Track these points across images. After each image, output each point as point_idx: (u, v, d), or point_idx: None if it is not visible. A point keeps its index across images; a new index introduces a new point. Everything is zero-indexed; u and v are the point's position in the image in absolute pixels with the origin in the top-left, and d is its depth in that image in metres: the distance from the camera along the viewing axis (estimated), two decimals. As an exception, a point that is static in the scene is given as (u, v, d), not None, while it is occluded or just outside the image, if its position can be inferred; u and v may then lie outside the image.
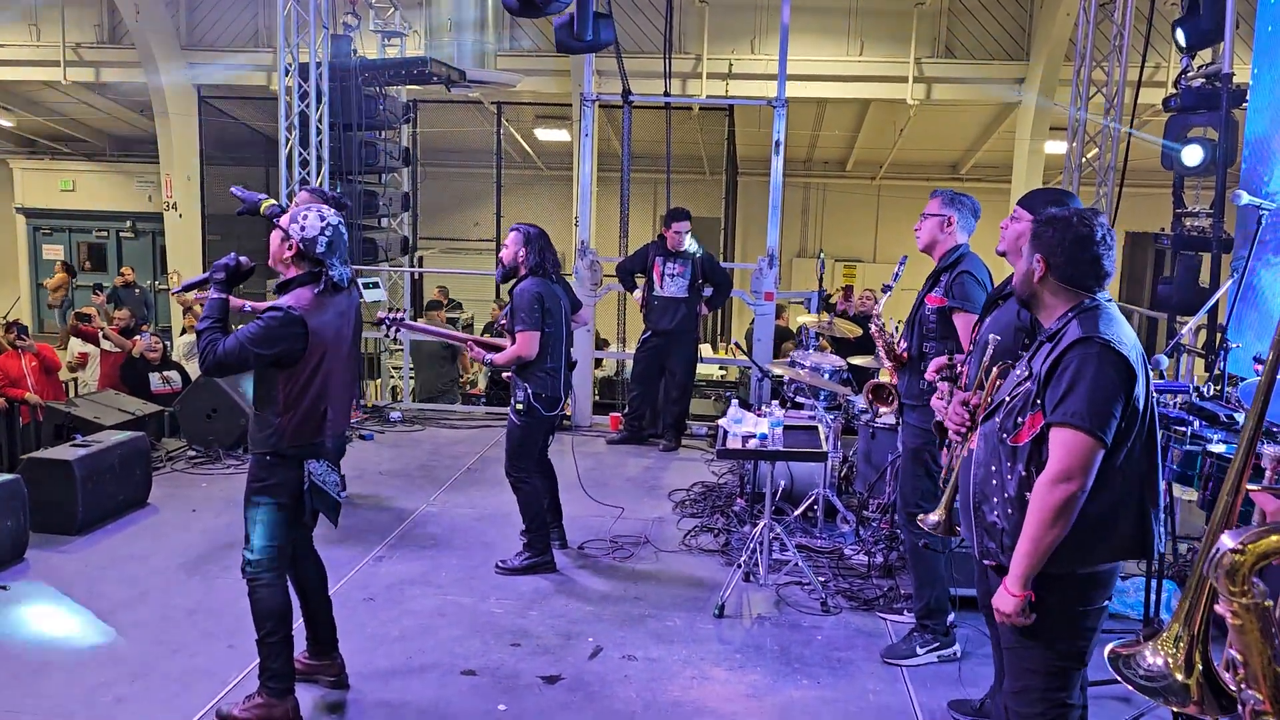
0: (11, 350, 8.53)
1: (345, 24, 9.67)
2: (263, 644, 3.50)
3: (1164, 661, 1.64)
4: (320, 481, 3.50)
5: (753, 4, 13.22)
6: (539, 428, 5.02)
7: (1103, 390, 2.39)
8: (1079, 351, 2.41)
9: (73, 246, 18.63)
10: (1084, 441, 2.38)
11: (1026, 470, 2.49)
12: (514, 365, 4.90)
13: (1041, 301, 2.60)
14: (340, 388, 3.57)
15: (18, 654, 4.06)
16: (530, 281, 4.87)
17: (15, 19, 14.40)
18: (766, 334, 8.13)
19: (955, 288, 3.80)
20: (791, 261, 17.87)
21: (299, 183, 8.99)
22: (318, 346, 3.41)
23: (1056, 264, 2.52)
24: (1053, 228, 2.55)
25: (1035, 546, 2.43)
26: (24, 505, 5.03)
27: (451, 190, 16.46)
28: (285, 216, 3.48)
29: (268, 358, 3.34)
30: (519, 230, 4.97)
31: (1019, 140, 13.22)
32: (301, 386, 3.41)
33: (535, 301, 4.80)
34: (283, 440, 3.42)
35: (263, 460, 3.48)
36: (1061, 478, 2.39)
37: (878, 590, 4.87)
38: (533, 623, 4.47)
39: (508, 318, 4.93)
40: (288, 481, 3.46)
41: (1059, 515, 2.39)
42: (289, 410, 3.41)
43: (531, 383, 4.88)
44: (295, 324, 3.34)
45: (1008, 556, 2.53)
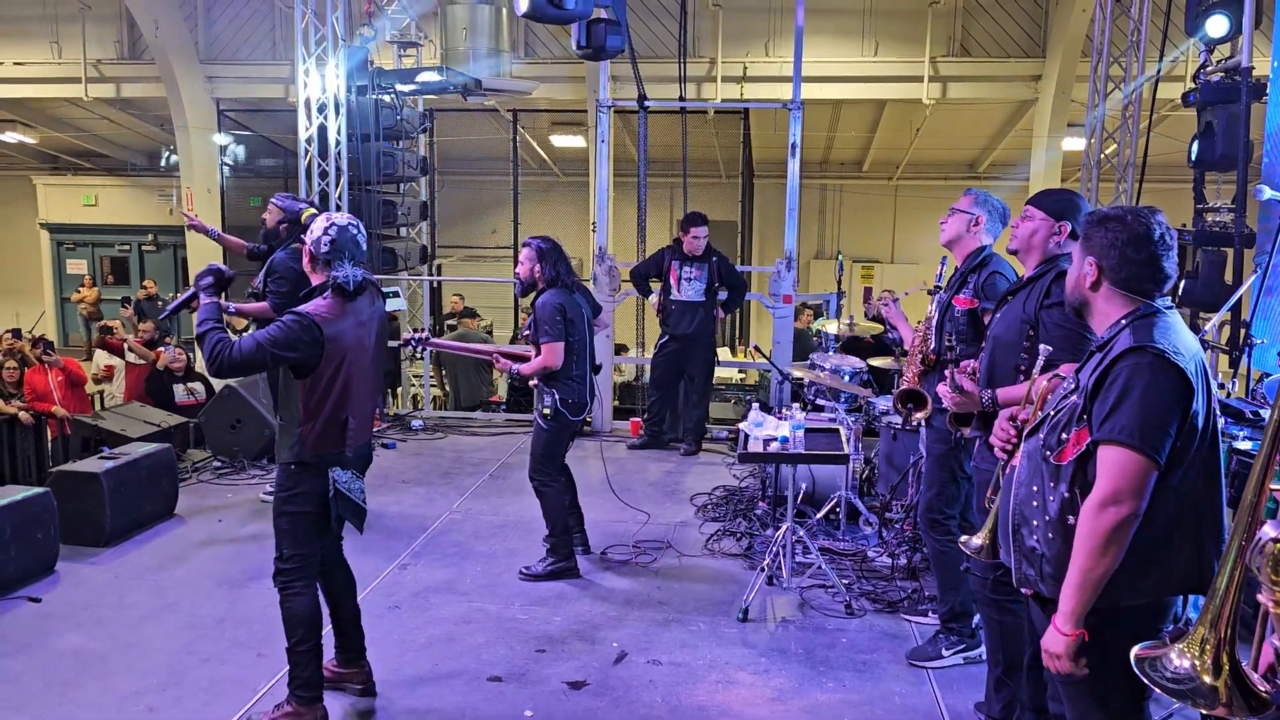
0: (38, 365, 8.63)
1: (362, 35, 9.74)
2: (292, 652, 3.54)
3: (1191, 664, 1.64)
4: (345, 489, 3.53)
5: (766, 7, 13.23)
6: (565, 433, 5.07)
7: (1155, 405, 2.17)
8: (1130, 362, 2.20)
9: (95, 260, 18.84)
10: (1135, 461, 2.16)
11: (1070, 491, 2.26)
12: (540, 374, 4.93)
13: (1094, 308, 2.39)
14: (362, 396, 3.60)
15: (50, 665, 4.11)
16: (551, 293, 4.92)
17: (37, 38, 14.60)
18: (785, 337, 8.12)
19: (987, 289, 3.80)
20: (809, 263, 17.84)
21: (319, 194, 9.07)
22: (336, 354, 3.44)
23: (1109, 267, 2.32)
24: (1105, 227, 2.34)
25: (1085, 578, 2.18)
26: (54, 518, 5.09)
27: (469, 198, 16.56)
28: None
29: (285, 360, 3.37)
30: (531, 245, 5.02)
31: (1036, 138, 13.16)
32: (321, 395, 3.44)
33: (557, 313, 4.85)
34: (305, 449, 3.46)
35: (288, 470, 3.52)
36: (1110, 500, 2.16)
37: (902, 592, 4.86)
38: (557, 628, 4.49)
39: (531, 329, 4.97)
40: (313, 490, 3.51)
41: (1109, 542, 2.16)
42: (310, 419, 3.44)
43: (559, 389, 4.93)
44: (312, 329, 3.37)
45: (1047, 585, 2.32)
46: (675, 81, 9.25)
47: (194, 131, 14.47)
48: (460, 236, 16.75)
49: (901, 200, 17.94)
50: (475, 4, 11.35)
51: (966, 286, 3.91)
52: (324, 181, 9.10)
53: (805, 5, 8.07)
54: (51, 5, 14.36)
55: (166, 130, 15.24)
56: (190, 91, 14.22)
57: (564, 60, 13.23)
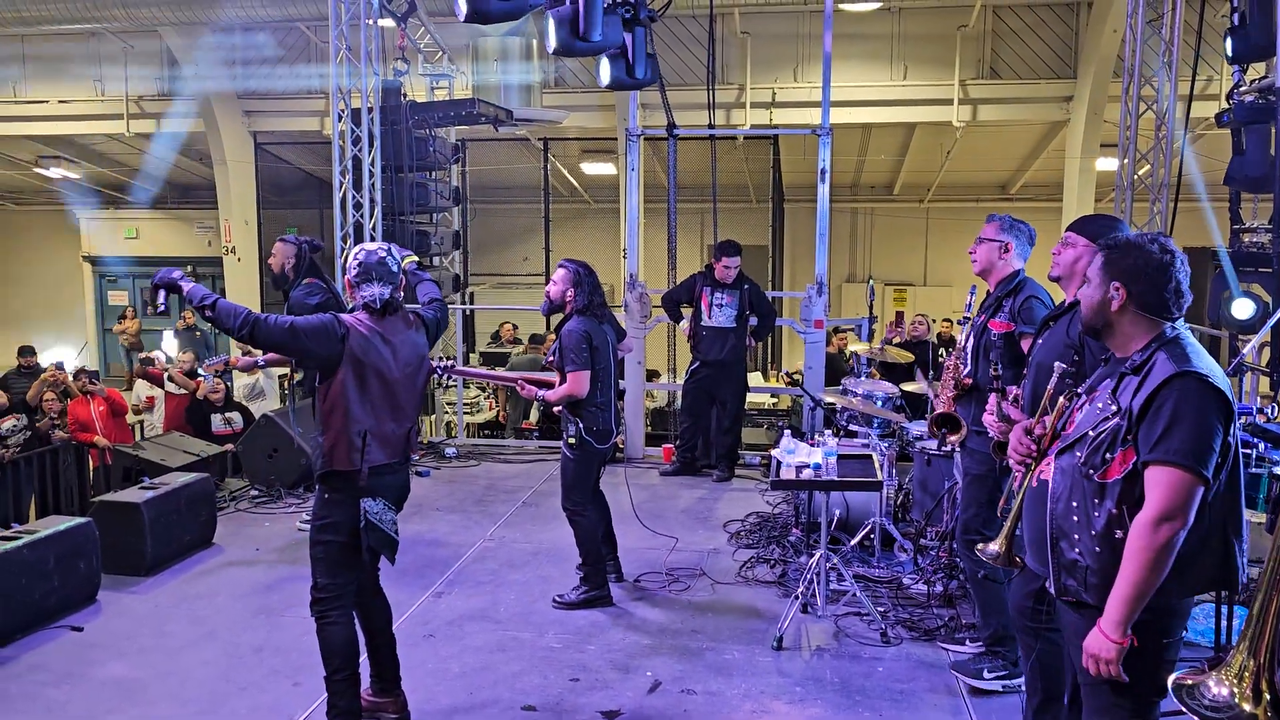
0: (82, 396, 8.80)
1: (395, 69, 9.90)
2: (330, 681, 3.57)
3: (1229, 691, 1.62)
4: (376, 520, 3.57)
5: (794, 33, 13.30)
6: (592, 461, 5.07)
7: (1206, 427, 2.33)
8: (1178, 387, 2.35)
9: (136, 292, 19.19)
10: (1187, 480, 2.32)
11: (1117, 508, 2.42)
12: (565, 402, 4.95)
13: (1118, 331, 2.53)
14: (385, 418, 3.61)
15: (93, 694, 4.17)
16: (577, 321, 4.93)
17: (81, 76, 14.98)
18: (817, 362, 8.10)
19: (1023, 312, 3.79)
20: (840, 287, 17.79)
21: (353, 225, 9.20)
22: (354, 363, 3.51)
23: (1137, 291, 2.45)
24: (1131, 255, 2.47)
25: (1137, 590, 2.35)
26: (96, 548, 5.17)
27: (500, 226, 16.70)
28: None
29: (309, 350, 3.49)
30: (567, 268, 5.02)
31: (1069, 158, 13.09)
32: (334, 402, 3.52)
33: (584, 341, 4.86)
34: (327, 461, 3.54)
35: (323, 498, 3.60)
36: (1164, 517, 2.33)
37: (938, 620, 4.81)
38: (591, 657, 4.49)
39: (556, 356, 4.97)
40: (345, 520, 3.56)
41: (1162, 557, 2.33)
42: (327, 428, 3.54)
43: (583, 418, 4.93)
44: (336, 326, 3.50)
45: (1092, 594, 2.46)
46: (704, 108, 9.30)
47: (231, 165, 14.76)
48: (492, 265, 16.89)
49: (934, 223, 17.86)
50: (505, 36, 11.50)
51: (1002, 310, 3.90)
52: (358, 213, 9.23)
53: (833, 31, 8.11)
54: (95, 44, 14.74)
55: (205, 164, 15.55)
56: (228, 126, 14.52)
57: (594, 89, 13.35)
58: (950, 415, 4.05)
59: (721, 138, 11.53)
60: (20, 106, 15.17)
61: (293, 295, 6.01)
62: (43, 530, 4.97)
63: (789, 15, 13.11)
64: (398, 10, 9.60)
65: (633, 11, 5.60)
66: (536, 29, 11.32)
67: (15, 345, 11.09)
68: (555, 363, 5.00)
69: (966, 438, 4.08)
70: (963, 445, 4.10)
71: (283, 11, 11.29)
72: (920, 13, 12.96)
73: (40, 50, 14.89)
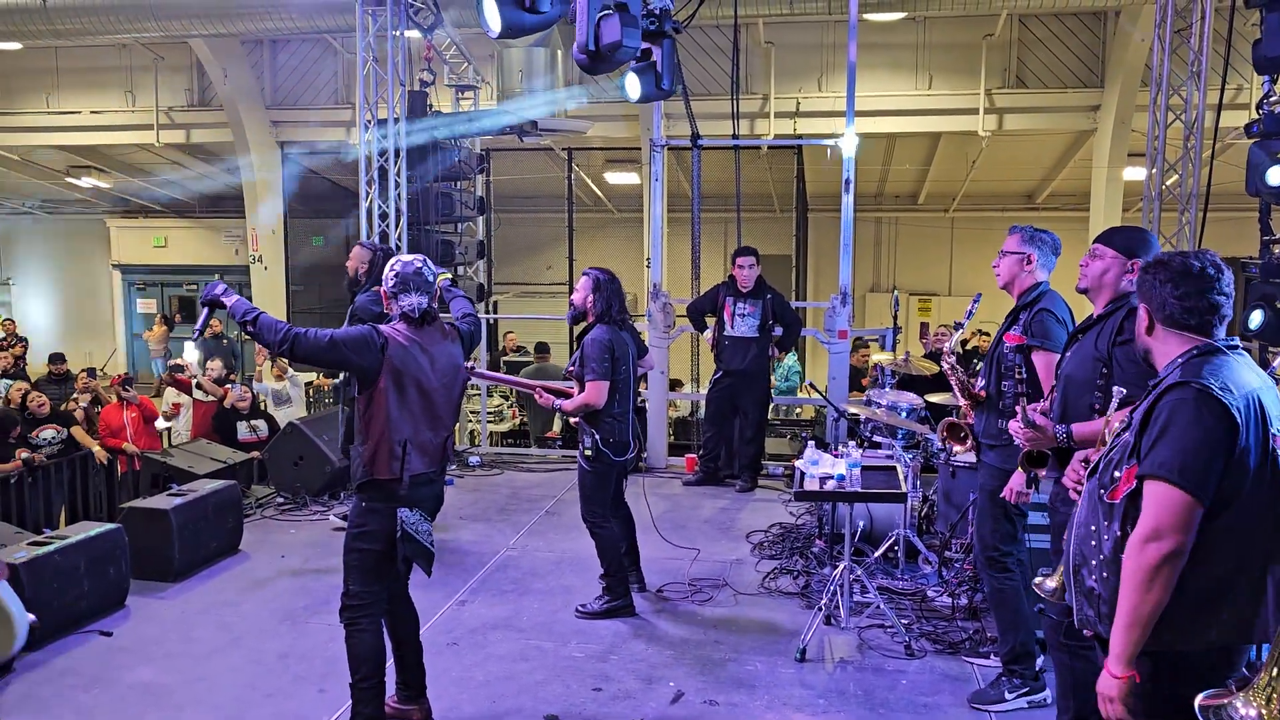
0: (115, 402, 8.90)
1: (421, 80, 9.98)
2: (356, 688, 3.60)
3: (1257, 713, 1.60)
4: (413, 530, 3.60)
5: (818, 43, 13.29)
6: (609, 473, 5.06)
7: (1195, 441, 2.17)
8: (1172, 397, 2.24)
9: (164, 300, 19.42)
10: (1175, 496, 2.16)
11: (1122, 530, 2.27)
12: (582, 412, 4.95)
13: (1155, 351, 2.45)
14: (419, 425, 3.65)
15: (121, 698, 4.22)
16: (599, 330, 4.94)
17: (113, 87, 15.21)
18: (841, 372, 8.07)
19: (1035, 326, 3.76)
20: (864, 296, 17.73)
21: (379, 235, 9.27)
22: (393, 373, 3.56)
23: (1155, 308, 2.40)
24: (1152, 272, 2.42)
25: (1132, 617, 2.18)
26: (125, 554, 5.24)
27: (524, 236, 16.77)
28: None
29: (349, 361, 3.53)
30: (589, 276, 5.06)
31: (1096, 168, 13.00)
32: (373, 413, 3.56)
33: (605, 351, 4.87)
34: (365, 470, 3.57)
35: (359, 507, 3.64)
36: (1151, 536, 2.17)
37: (963, 633, 4.78)
38: (614, 667, 4.49)
39: (576, 365, 4.98)
40: (381, 529, 3.59)
41: (1153, 579, 2.15)
42: (367, 438, 3.58)
43: (599, 429, 4.92)
44: (376, 337, 3.55)
45: (1105, 625, 2.30)
46: (728, 118, 9.32)
47: (259, 175, 14.92)
48: (516, 274, 16.96)
49: (959, 232, 17.78)
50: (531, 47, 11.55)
51: (1018, 323, 3.88)
52: (384, 222, 9.31)
53: (857, 40, 8.10)
54: (126, 56, 14.96)
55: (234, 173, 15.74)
56: (256, 136, 14.69)
57: (618, 99, 13.37)
58: (956, 424, 4.04)
59: (745, 148, 11.53)
60: (53, 117, 15.41)
61: (358, 299, 6.12)
62: (74, 536, 5.04)
63: (813, 25, 13.10)
64: (424, 22, 9.68)
65: (658, 23, 5.63)
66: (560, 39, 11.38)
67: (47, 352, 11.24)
68: (575, 372, 5.00)
69: (980, 451, 4.05)
70: (979, 459, 4.08)
71: (311, 23, 11.40)
72: (945, 22, 12.92)
73: (73, 62, 15.13)
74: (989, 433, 3.92)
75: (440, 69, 10.75)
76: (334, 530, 6.36)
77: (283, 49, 14.85)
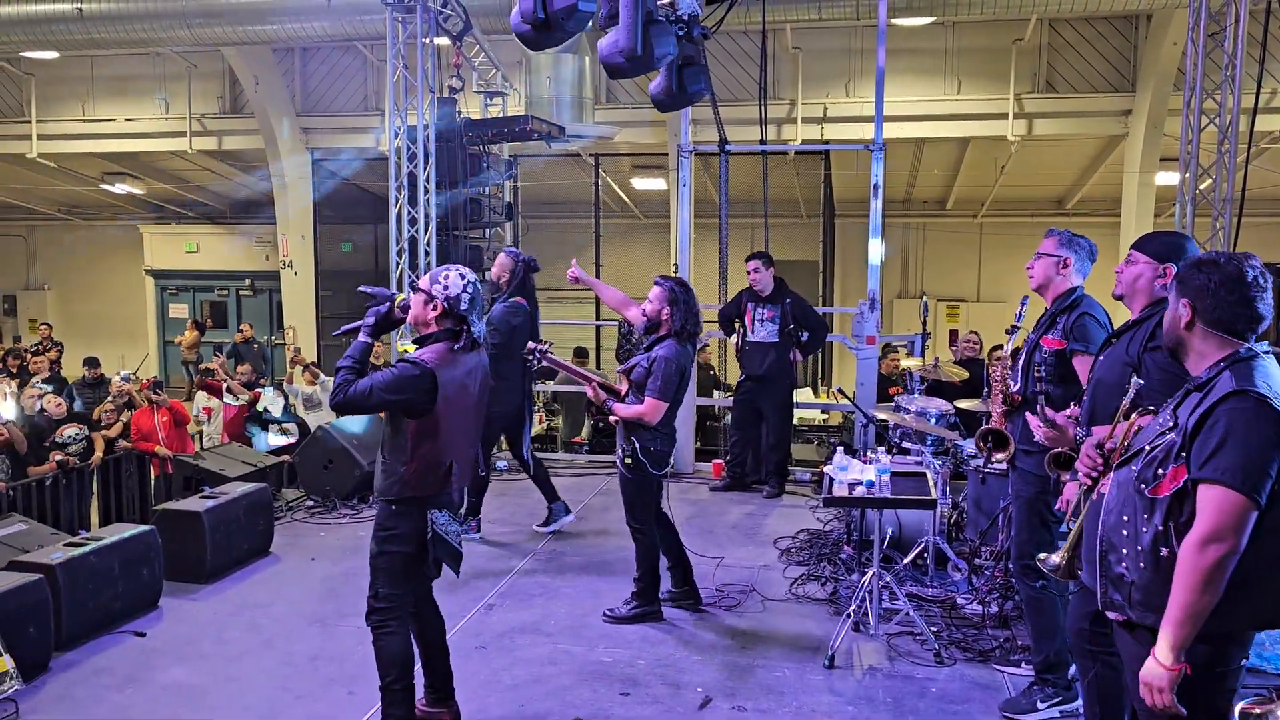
0: (146, 405, 9.02)
1: (450, 87, 10.04)
2: (386, 691, 3.61)
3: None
4: (443, 531, 3.62)
5: (846, 48, 13.26)
6: (649, 482, 5.00)
7: (1257, 448, 2.29)
8: (1232, 406, 2.33)
9: (196, 305, 19.65)
10: (1236, 501, 2.29)
11: (1164, 524, 2.40)
12: (632, 421, 4.87)
13: (1190, 348, 2.53)
14: (465, 444, 3.68)
15: (155, 698, 4.26)
16: (673, 347, 4.85)
17: (146, 95, 15.42)
18: (869, 378, 8.04)
19: (1076, 330, 3.74)
20: (892, 303, 17.64)
21: (408, 241, 9.32)
22: (444, 400, 3.53)
23: (1203, 308, 2.46)
24: (1200, 271, 2.49)
25: (1187, 613, 2.32)
26: (159, 555, 5.30)
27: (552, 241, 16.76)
28: (425, 279, 3.68)
29: (392, 403, 3.50)
30: (664, 286, 4.93)
31: (1128, 173, 12.87)
32: (427, 437, 3.54)
33: (676, 373, 4.80)
34: (405, 488, 3.55)
35: (388, 509, 3.63)
36: (1211, 538, 2.29)
37: (993, 641, 4.74)
38: (642, 672, 4.49)
39: (640, 373, 4.86)
40: (412, 530, 3.60)
41: (1210, 579, 2.29)
42: (413, 460, 3.54)
43: (640, 438, 4.88)
44: (425, 378, 3.48)
45: (1137, 611, 2.45)
46: (755, 124, 9.32)
47: (290, 181, 15.07)
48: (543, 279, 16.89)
49: (987, 238, 17.65)
50: (559, 54, 11.61)
51: (1055, 327, 3.86)
52: (413, 228, 9.37)
53: (885, 46, 8.07)
54: (160, 64, 15.16)
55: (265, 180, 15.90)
56: (287, 143, 14.84)
57: (645, 105, 13.40)
58: (998, 431, 4.00)
59: (773, 153, 11.52)
60: (89, 125, 15.64)
61: (494, 310, 6.21)
62: (108, 537, 5.10)
63: (841, 31, 13.08)
64: (453, 29, 9.75)
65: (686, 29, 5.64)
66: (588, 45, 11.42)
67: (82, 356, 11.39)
68: (637, 379, 4.90)
69: (1016, 457, 4.02)
70: (1013, 465, 4.05)
71: (341, 30, 11.51)
72: (974, 27, 12.85)
73: (108, 70, 15.35)
74: (1026, 438, 3.89)
75: (469, 75, 10.81)
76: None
77: (313, 56, 14.99)
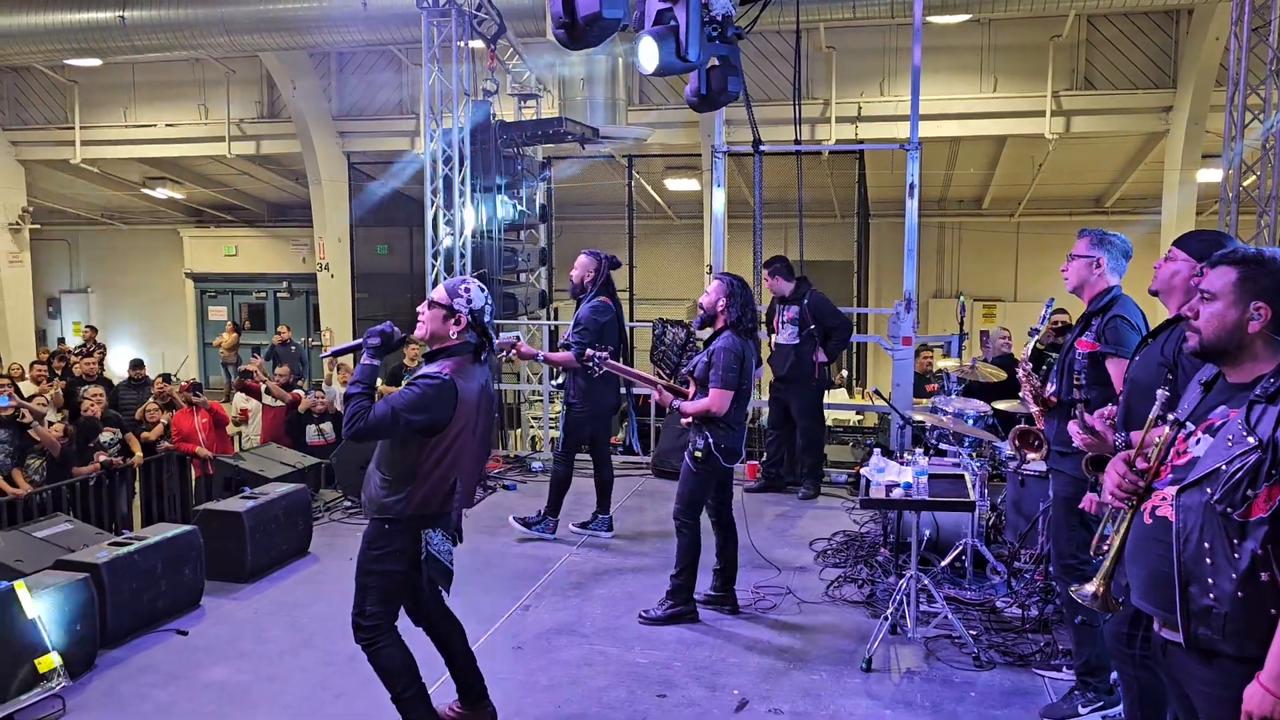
0: (186, 407, 9.15)
1: (485, 90, 10.10)
2: (400, 701, 3.58)
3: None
4: (436, 551, 3.51)
5: (880, 47, 13.19)
6: (711, 477, 5.04)
7: None
8: None
9: (235, 307, 19.92)
10: None
11: (1262, 548, 2.22)
12: (701, 416, 4.91)
13: (1247, 354, 2.37)
14: (471, 461, 3.59)
15: (197, 696, 4.32)
16: (730, 338, 4.91)
17: (187, 100, 15.67)
18: (905, 379, 7.98)
19: (1108, 332, 3.69)
20: (928, 303, 17.50)
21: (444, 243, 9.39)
22: (460, 415, 3.45)
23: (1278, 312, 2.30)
24: (1269, 271, 2.34)
25: None
26: (200, 555, 5.37)
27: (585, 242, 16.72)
28: (439, 292, 3.57)
29: (415, 424, 3.37)
30: (723, 280, 5.01)
31: (1168, 170, 12.69)
32: (440, 455, 3.45)
33: (736, 361, 4.86)
34: (408, 507, 3.45)
35: (380, 528, 3.52)
36: None
37: (1033, 645, 4.69)
38: (678, 674, 4.49)
39: (700, 369, 4.94)
40: (405, 550, 3.50)
41: None
42: (424, 479, 3.45)
43: (713, 432, 4.91)
44: (448, 390, 3.40)
45: (1231, 643, 2.28)
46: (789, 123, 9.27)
47: (326, 184, 15.24)
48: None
49: (1024, 237, 17.46)
50: (592, 56, 11.65)
51: (1090, 329, 3.81)
52: (449, 230, 9.43)
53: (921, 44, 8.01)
54: (200, 70, 15.40)
55: (301, 183, 16.09)
56: (323, 146, 15.00)
57: (678, 106, 13.43)
58: (1031, 432, 3.97)
59: (807, 153, 11.47)
60: (130, 130, 15.91)
61: (580, 310, 6.25)
62: (151, 537, 5.18)
63: (875, 30, 13.01)
64: (487, 32, 9.81)
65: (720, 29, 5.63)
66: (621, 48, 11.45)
67: (127, 358, 11.58)
68: (698, 375, 4.97)
69: (1052, 458, 3.98)
70: (1051, 466, 4.01)
71: (377, 35, 11.63)
72: (1011, 23, 12.73)
73: (149, 77, 15.61)
74: (1062, 439, 3.85)
75: (503, 78, 10.87)
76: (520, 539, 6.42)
77: (349, 61, 15.15)
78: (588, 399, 6.40)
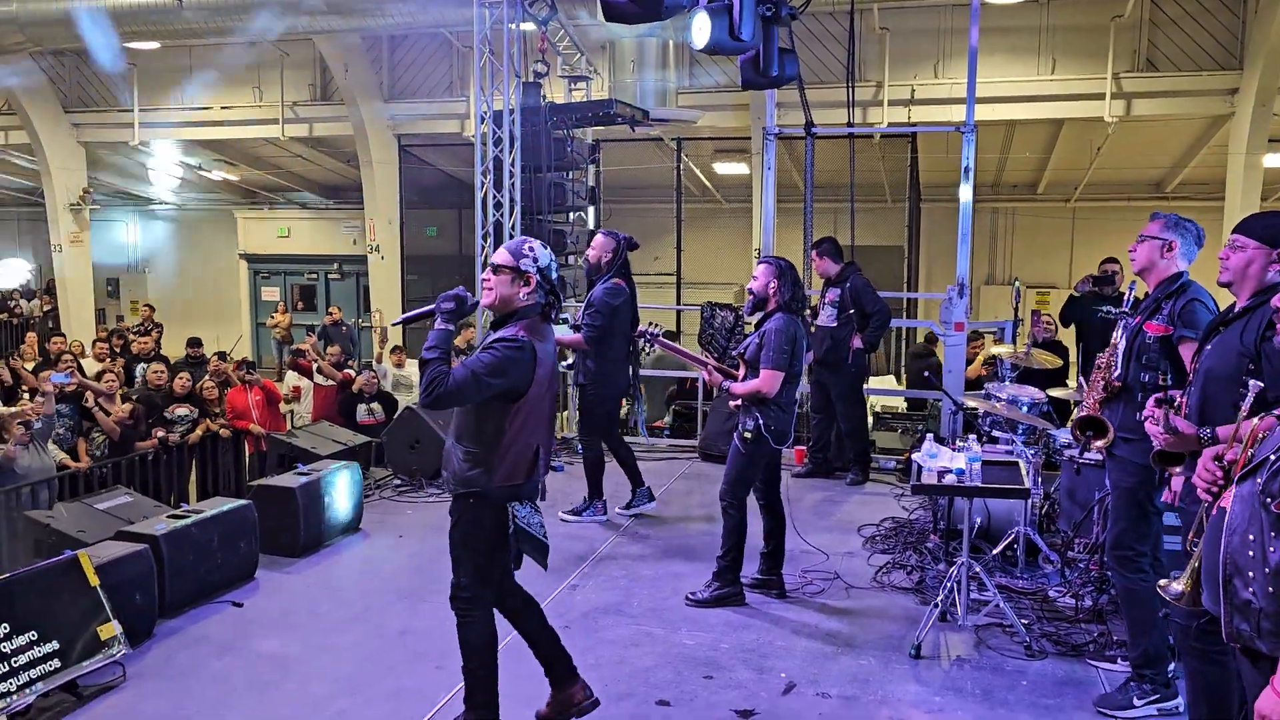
0: (240, 385, 9.31)
1: (535, 71, 10.10)
2: (468, 673, 3.60)
3: None
4: (525, 524, 3.48)
5: (935, 28, 12.97)
6: (763, 458, 5.04)
7: None
8: None
9: (287, 288, 20.21)
10: None
11: None
12: (752, 397, 4.92)
13: None
14: (546, 428, 3.57)
15: (252, 666, 4.41)
16: (783, 320, 4.92)
17: (242, 83, 15.87)
18: (957, 365, 7.87)
19: (1185, 315, 3.60)
20: (980, 289, 17.24)
21: (494, 224, 9.43)
22: (540, 378, 3.41)
23: None
24: None
25: None
26: (255, 529, 5.47)
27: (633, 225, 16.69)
28: (503, 255, 3.51)
29: (496, 388, 3.31)
30: (770, 263, 5.02)
31: (1233, 154, 12.33)
32: (523, 420, 3.41)
33: (787, 342, 4.86)
34: (494, 478, 3.41)
35: (465, 503, 3.48)
36: None
37: (1087, 635, 4.62)
38: (724, 655, 4.49)
39: (751, 349, 4.95)
40: (495, 525, 3.46)
41: None
42: (508, 448, 3.40)
43: (763, 414, 4.90)
44: (526, 351, 3.34)
45: (1266, 641, 2.20)
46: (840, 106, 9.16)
47: (377, 166, 15.36)
48: (623, 263, 17.02)
49: (1080, 223, 17.11)
50: (642, 37, 11.59)
51: (1160, 313, 3.72)
52: (499, 212, 9.47)
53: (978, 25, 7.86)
54: (254, 53, 15.57)
55: (353, 166, 16.24)
56: (375, 129, 15.12)
57: (728, 89, 13.33)
58: (1096, 418, 3.88)
59: (860, 136, 11.33)
60: (186, 113, 16.16)
61: (595, 291, 6.21)
62: (208, 511, 5.29)
63: (929, 10, 12.80)
64: (538, 14, 9.80)
65: (773, 10, 5.57)
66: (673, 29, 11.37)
67: (185, 337, 11.81)
68: (748, 356, 4.98)
69: (1114, 445, 3.89)
70: (1110, 454, 3.92)
71: (430, 18, 11.67)
72: (1070, 4, 12.45)
73: (205, 60, 15.83)
74: (1125, 425, 3.77)
75: (554, 60, 10.86)
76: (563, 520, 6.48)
77: (400, 44, 15.24)
78: (598, 381, 6.39)
